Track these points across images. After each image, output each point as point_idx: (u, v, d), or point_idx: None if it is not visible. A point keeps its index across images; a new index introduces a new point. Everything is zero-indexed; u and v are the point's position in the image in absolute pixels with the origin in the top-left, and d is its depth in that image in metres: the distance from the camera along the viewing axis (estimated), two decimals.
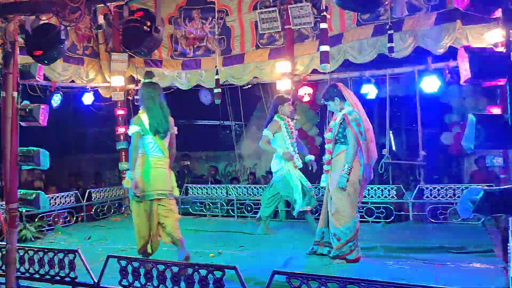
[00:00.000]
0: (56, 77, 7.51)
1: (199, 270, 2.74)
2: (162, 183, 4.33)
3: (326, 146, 4.92)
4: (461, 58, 2.36)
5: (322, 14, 5.68)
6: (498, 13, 2.35)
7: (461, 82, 2.38)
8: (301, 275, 2.49)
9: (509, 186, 2.27)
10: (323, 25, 4.19)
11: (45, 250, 3.32)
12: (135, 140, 4.30)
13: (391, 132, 10.12)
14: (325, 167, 4.94)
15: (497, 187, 2.29)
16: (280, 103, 5.97)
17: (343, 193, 4.66)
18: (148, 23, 3.01)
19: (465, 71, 2.31)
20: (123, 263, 2.99)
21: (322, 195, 5.35)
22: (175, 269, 2.83)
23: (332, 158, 4.85)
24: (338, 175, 4.68)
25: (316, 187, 6.57)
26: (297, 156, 5.98)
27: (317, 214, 6.08)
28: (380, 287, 2.28)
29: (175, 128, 4.56)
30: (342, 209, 4.67)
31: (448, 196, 6.50)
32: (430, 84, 6.57)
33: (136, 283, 2.95)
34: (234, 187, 7.92)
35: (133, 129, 4.31)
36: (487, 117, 2.37)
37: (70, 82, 7.96)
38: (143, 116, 4.35)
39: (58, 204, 7.31)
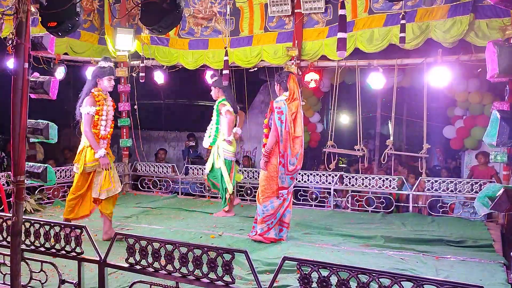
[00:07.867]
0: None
1: (208, 252, 2.72)
2: None
3: (264, 130, 5.16)
4: (488, 53, 2.32)
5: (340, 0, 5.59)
6: None
7: (487, 77, 2.34)
8: (312, 262, 2.47)
9: None
10: (341, 12, 4.10)
11: (52, 224, 3.30)
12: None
13: (389, 121, 10.10)
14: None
15: None
16: None
17: (265, 175, 5.03)
18: (168, 0, 2.95)
19: (492, 66, 2.28)
20: (131, 241, 2.97)
21: None
22: (184, 249, 2.80)
23: None
24: None
25: None
26: None
27: None
28: (390, 278, 2.27)
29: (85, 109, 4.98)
30: (261, 189, 5.07)
31: (448, 190, 6.50)
32: (438, 78, 6.50)
33: (143, 262, 2.94)
34: None
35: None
36: None
37: (64, 54, 7.85)
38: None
39: (58, 178, 7.28)
